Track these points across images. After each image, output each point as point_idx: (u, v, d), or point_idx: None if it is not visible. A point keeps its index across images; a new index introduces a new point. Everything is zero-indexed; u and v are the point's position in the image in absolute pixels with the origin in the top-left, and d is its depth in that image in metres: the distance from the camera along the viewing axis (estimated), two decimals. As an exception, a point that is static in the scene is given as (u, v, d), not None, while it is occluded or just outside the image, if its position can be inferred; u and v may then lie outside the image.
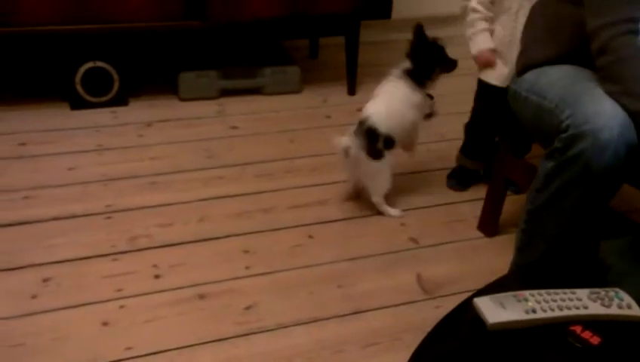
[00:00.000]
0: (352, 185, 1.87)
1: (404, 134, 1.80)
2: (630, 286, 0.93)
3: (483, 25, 1.79)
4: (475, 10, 1.80)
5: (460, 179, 1.99)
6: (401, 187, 1.96)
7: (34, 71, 2.46)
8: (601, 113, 1.16)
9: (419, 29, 1.75)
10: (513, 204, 1.77)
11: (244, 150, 2.13)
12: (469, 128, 1.98)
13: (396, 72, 1.80)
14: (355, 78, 2.55)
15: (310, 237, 1.72)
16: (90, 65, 2.22)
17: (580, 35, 1.26)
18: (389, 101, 1.77)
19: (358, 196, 1.88)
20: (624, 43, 1.18)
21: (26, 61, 2.46)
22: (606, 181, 1.19)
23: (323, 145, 2.17)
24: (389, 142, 1.75)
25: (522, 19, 1.61)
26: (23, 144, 2.04)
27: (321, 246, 1.68)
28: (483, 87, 1.88)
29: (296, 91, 2.53)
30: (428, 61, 1.76)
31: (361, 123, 1.75)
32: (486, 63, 1.80)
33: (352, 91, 2.56)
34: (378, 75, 2.70)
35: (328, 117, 2.38)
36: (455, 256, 1.67)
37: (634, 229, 1.12)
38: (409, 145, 1.89)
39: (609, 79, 1.20)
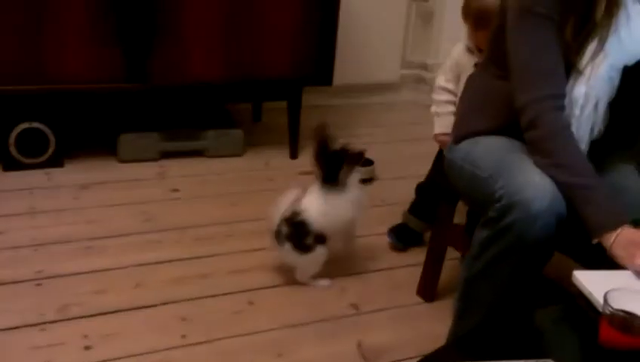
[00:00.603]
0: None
1: (340, 230, 1.79)
2: (561, 355, 0.95)
3: (450, 108, 1.84)
4: (443, 89, 1.85)
5: (400, 236, 2.01)
6: (342, 252, 1.96)
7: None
8: (532, 184, 1.21)
9: (321, 142, 1.79)
10: (452, 270, 1.80)
11: (184, 213, 2.10)
12: (421, 188, 2.02)
13: (315, 184, 1.80)
14: (297, 141, 2.58)
15: (250, 303, 1.69)
16: (25, 125, 2.17)
17: (510, 108, 1.33)
18: (322, 202, 1.76)
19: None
20: (549, 119, 1.25)
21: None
22: (538, 250, 1.23)
23: (265, 209, 2.15)
24: (321, 238, 1.74)
25: None
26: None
27: (262, 312, 1.66)
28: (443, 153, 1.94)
29: (239, 154, 2.54)
30: (332, 166, 1.77)
31: (295, 214, 1.74)
32: (442, 144, 1.87)
33: (294, 155, 2.59)
34: (319, 140, 2.76)
35: (271, 180, 2.39)
36: (395, 322, 1.67)
37: (566, 296, 1.16)
38: (346, 241, 1.87)
39: (538, 152, 1.26)
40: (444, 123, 1.83)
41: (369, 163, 2.47)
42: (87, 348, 1.47)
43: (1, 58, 2.02)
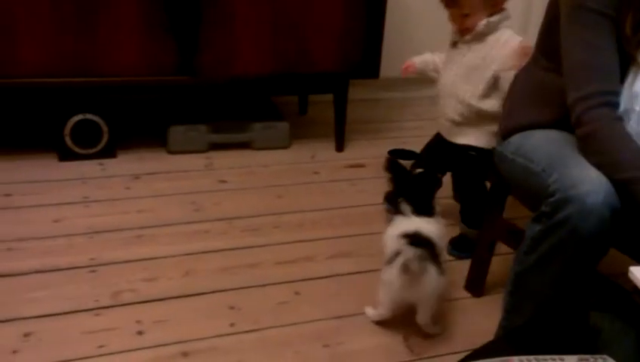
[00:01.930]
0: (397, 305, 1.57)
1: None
2: (618, 353, 0.93)
3: (429, 56, 2.01)
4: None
5: (460, 248, 1.92)
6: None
7: (23, 122, 2.47)
8: (586, 179, 1.18)
9: (393, 165, 1.65)
10: (500, 265, 1.78)
11: (231, 204, 2.13)
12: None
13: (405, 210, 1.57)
14: (343, 134, 2.58)
15: (297, 293, 1.71)
16: (79, 117, 2.23)
17: (561, 101, 1.30)
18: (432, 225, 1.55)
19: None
20: (597, 115, 1.23)
21: (15, 112, 2.47)
22: (593, 245, 1.20)
23: (310, 201, 2.19)
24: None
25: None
26: (9, 195, 2.02)
27: (308, 303, 1.67)
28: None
29: (285, 147, 2.55)
30: (424, 195, 1.58)
31: (413, 235, 1.47)
32: (406, 66, 2.04)
33: (340, 148, 2.60)
34: (366, 132, 2.77)
35: (316, 173, 2.40)
36: (443, 316, 1.66)
37: (621, 293, 1.13)
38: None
39: (587, 150, 1.24)
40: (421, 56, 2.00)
41: (416, 156, 2.45)
42: (139, 333, 1.51)
43: (57, 52, 2.08)
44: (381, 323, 1.61)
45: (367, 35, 2.46)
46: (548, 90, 1.39)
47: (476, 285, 1.74)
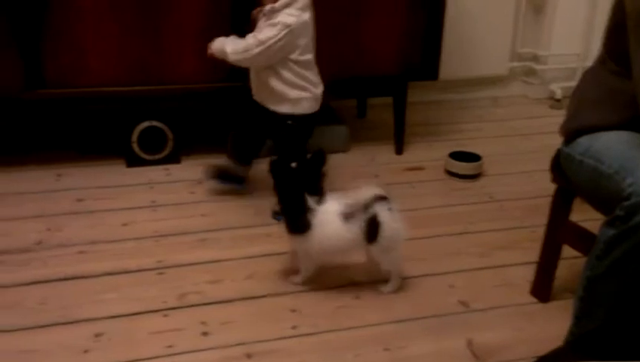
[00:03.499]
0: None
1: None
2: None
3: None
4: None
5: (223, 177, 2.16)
6: (450, 248, 1.94)
7: (93, 129, 2.57)
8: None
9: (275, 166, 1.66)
10: (568, 269, 1.72)
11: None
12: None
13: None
14: (402, 137, 2.57)
15: (356, 298, 1.71)
16: (146, 124, 2.31)
17: (630, 104, 1.26)
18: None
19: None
20: None
21: (86, 120, 2.58)
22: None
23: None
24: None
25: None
26: (81, 200, 2.11)
27: (368, 307, 1.67)
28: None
29: (344, 150, 2.56)
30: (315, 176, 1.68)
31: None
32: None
33: (399, 150, 2.58)
34: (425, 135, 2.74)
35: (376, 176, 2.40)
36: (508, 321, 1.63)
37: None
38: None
39: None
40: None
41: (476, 158, 2.42)
42: (204, 334, 1.54)
43: (124, 62, 2.16)
44: (443, 328, 1.59)
45: (426, 36, 2.44)
46: (616, 93, 1.35)
47: (542, 290, 1.70)
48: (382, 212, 1.60)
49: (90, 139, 2.54)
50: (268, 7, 1.91)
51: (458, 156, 2.42)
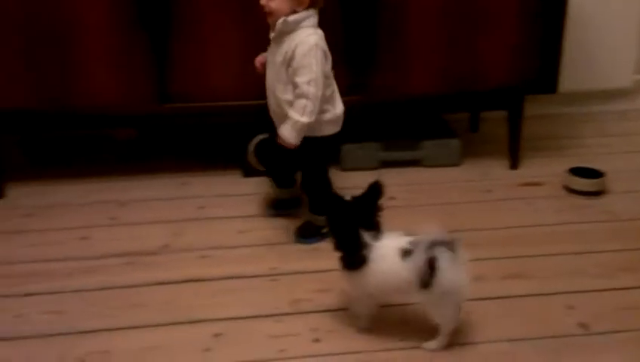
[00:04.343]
0: None
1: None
2: None
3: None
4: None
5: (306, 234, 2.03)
6: (567, 267, 1.86)
7: (214, 141, 2.72)
8: None
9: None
10: None
11: (400, 221, 2.11)
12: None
13: None
14: (518, 151, 2.50)
15: (467, 313, 1.68)
16: (262, 136, 2.41)
17: None
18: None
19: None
20: None
21: (207, 133, 2.73)
22: None
23: (482, 220, 2.14)
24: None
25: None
26: (202, 207, 2.24)
27: (478, 324, 1.64)
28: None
29: (456, 164, 2.53)
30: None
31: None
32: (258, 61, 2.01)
33: (514, 165, 2.51)
34: (543, 149, 2.65)
35: (489, 191, 2.35)
36: (631, 346, 1.54)
37: None
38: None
39: None
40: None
41: (599, 174, 2.30)
42: (316, 340, 1.59)
43: (243, 77, 2.26)
44: (559, 350, 1.53)
45: (544, 47, 2.36)
46: None
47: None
48: (442, 257, 1.44)
49: (212, 150, 2.69)
50: (280, 22, 1.80)
51: (579, 172, 2.31)
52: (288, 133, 1.84)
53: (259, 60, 2.00)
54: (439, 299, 1.46)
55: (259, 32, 2.03)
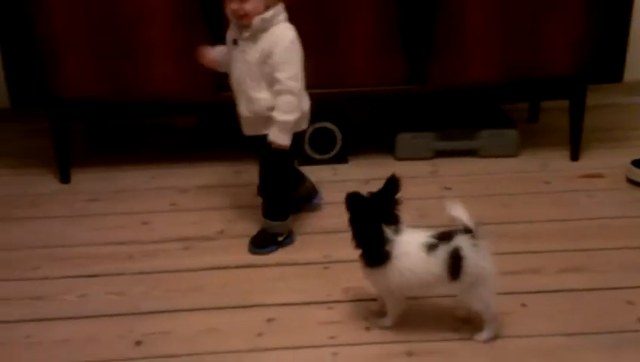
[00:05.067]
0: None
1: None
2: None
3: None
4: None
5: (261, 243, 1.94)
6: (629, 262, 1.80)
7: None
8: None
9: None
10: None
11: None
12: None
13: None
14: (579, 142, 2.43)
15: (523, 305, 1.65)
16: (317, 125, 2.43)
17: None
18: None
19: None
20: None
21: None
22: None
23: (540, 212, 2.10)
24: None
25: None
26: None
27: (535, 316, 1.61)
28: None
29: (514, 155, 2.48)
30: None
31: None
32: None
33: (575, 156, 2.44)
34: (606, 140, 2.57)
35: (547, 182, 2.29)
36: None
37: None
38: None
39: None
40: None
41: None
42: (366, 328, 1.60)
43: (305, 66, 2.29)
44: (620, 346, 1.49)
45: (609, 35, 2.28)
46: None
47: None
48: (466, 246, 1.44)
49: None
50: (257, 20, 1.75)
51: (642, 164, 2.23)
52: (278, 136, 1.80)
53: (209, 54, 1.92)
54: (470, 287, 1.47)
55: (318, 20, 2.05)
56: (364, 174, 2.38)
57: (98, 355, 1.53)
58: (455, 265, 1.45)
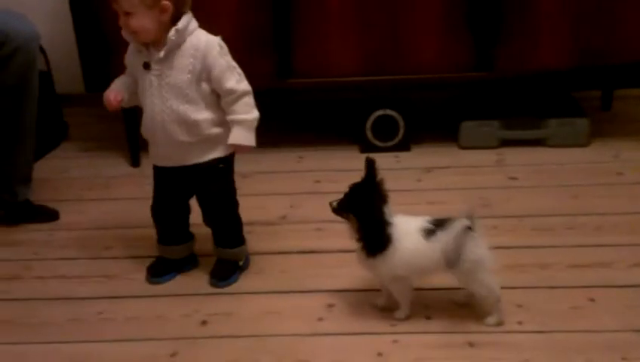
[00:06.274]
0: None
1: None
2: None
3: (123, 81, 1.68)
4: None
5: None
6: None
7: (331, 115, 2.77)
8: None
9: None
10: None
11: (521, 202, 2.08)
12: None
13: None
14: (655, 133, 2.33)
15: (591, 300, 1.61)
16: (380, 112, 2.41)
17: None
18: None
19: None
20: None
21: (325, 106, 2.78)
22: None
23: (611, 204, 2.02)
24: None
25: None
26: (318, 181, 2.29)
27: (604, 311, 1.56)
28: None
29: (584, 144, 2.40)
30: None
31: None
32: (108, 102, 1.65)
33: (652, 148, 2.34)
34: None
35: (620, 173, 2.21)
36: None
37: None
38: None
39: None
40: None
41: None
42: (427, 318, 1.59)
43: (363, 53, 2.27)
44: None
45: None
46: None
47: None
48: (464, 234, 1.45)
49: (327, 124, 2.73)
50: (172, 34, 1.53)
51: None
52: (244, 137, 1.63)
53: (113, 96, 1.63)
54: (469, 273, 1.48)
55: (381, 4, 2.03)
56: (426, 162, 2.36)
57: (166, 333, 1.59)
58: (453, 253, 1.46)
